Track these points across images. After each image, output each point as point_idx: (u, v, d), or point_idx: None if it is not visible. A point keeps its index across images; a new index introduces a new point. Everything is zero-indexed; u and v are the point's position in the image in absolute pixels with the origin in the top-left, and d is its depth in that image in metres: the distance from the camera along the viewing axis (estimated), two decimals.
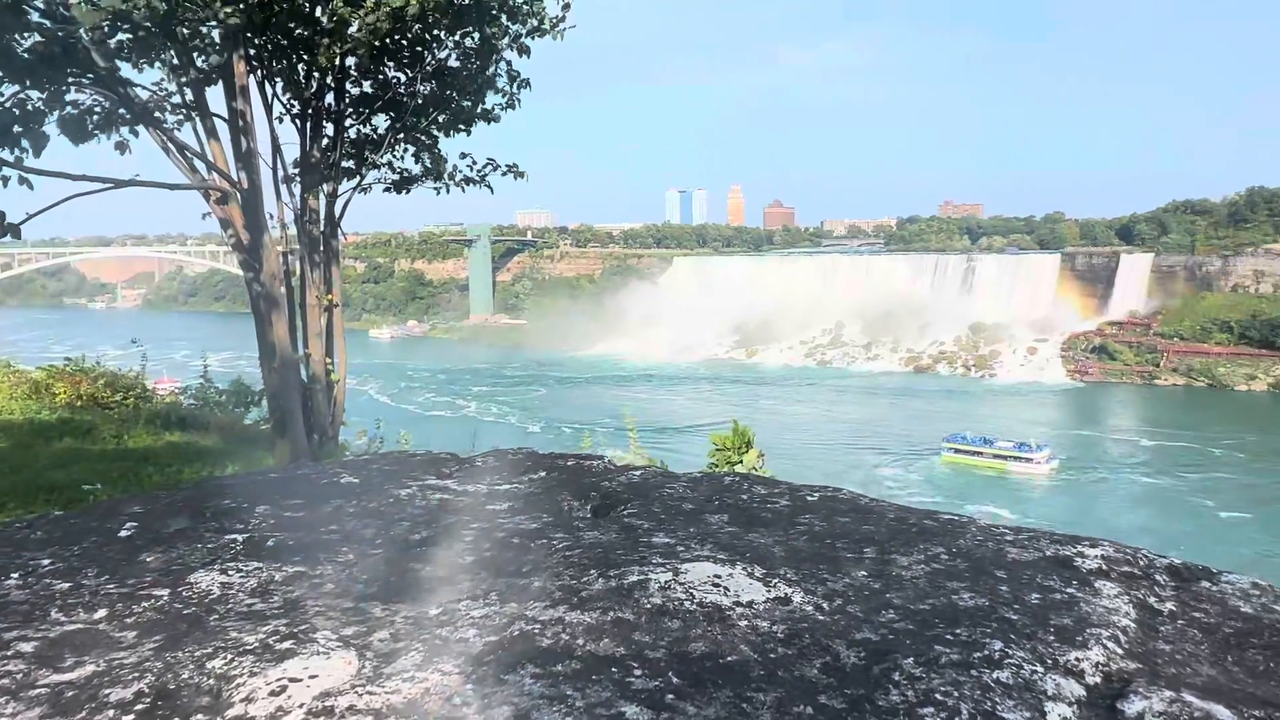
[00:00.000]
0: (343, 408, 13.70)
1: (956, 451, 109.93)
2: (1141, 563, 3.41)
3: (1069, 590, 3.03)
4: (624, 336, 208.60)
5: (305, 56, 11.59)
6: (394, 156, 13.58)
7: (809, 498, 4.30)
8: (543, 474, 5.04)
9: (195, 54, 11.02)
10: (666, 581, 2.94)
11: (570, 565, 3.23)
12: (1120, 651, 2.61)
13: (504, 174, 13.75)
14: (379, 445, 15.87)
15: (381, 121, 13.10)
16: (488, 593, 2.98)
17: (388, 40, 11.44)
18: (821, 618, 2.74)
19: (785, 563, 3.27)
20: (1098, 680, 2.43)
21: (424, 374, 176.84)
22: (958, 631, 2.63)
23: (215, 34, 10.78)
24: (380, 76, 12.78)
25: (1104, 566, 3.31)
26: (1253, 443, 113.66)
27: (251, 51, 11.38)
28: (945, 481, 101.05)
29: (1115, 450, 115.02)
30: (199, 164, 11.35)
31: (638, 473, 5.04)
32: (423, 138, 13.47)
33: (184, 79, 11.16)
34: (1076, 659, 2.50)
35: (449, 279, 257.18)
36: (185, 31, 10.28)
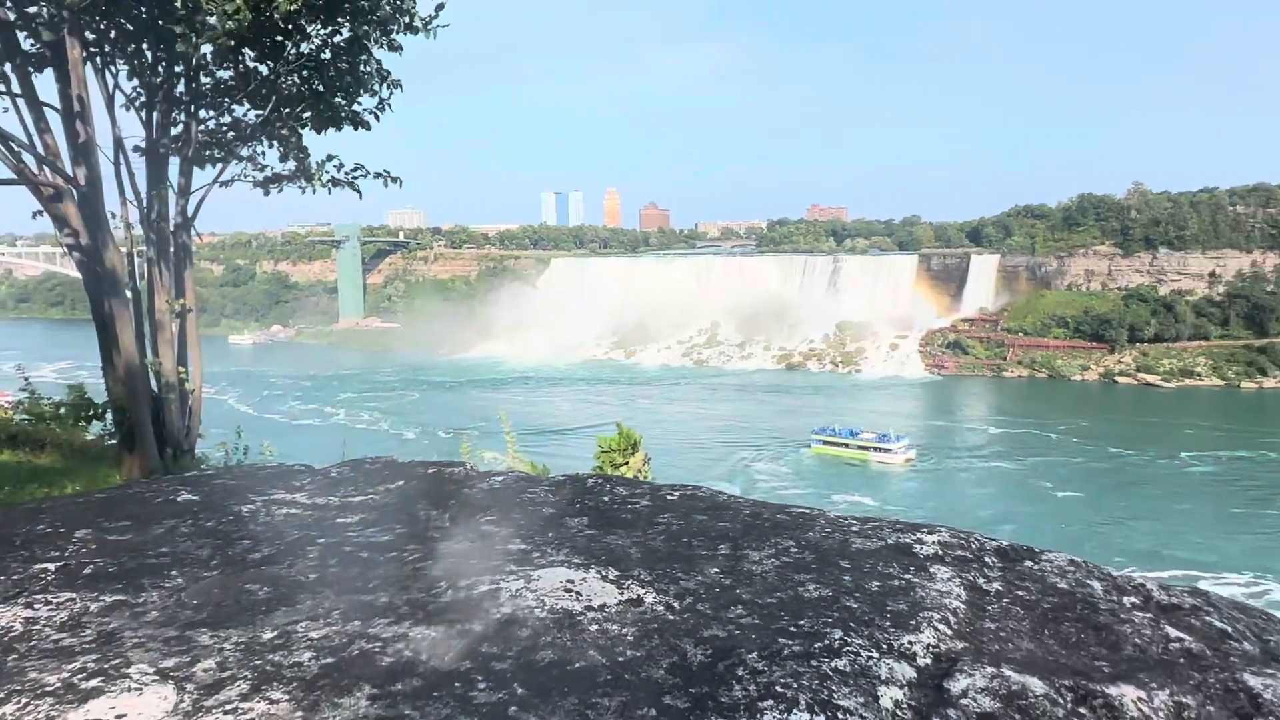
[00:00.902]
0: (199, 419, 12.84)
1: (825, 443, 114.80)
2: (974, 546, 3.62)
3: (906, 576, 3.19)
4: (501, 339, 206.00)
5: (156, 43, 10.76)
6: (256, 152, 12.84)
7: (669, 497, 4.34)
8: (401, 483, 4.88)
9: (21, 33, 10.03)
10: (518, 589, 2.88)
11: (421, 577, 3.12)
12: (950, 632, 2.76)
13: (375, 177, 13.23)
14: (241, 457, 15.00)
15: (242, 113, 12.35)
16: (329, 612, 2.84)
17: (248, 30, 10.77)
18: (672, 617, 2.76)
19: (641, 564, 3.28)
20: (928, 662, 2.55)
21: (289, 381, 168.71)
22: (801, 623, 2.71)
23: (44, 11, 9.85)
24: (240, 66, 12.02)
25: (939, 552, 3.50)
26: (1084, 427, 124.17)
27: (91, 36, 10.48)
28: (813, 472, 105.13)
29: (967, 438, 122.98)
30: (28, 157, 10.33)
31: (500, 478, 4.96)
32: (288, 134, 12.77)
33: (8, 63, 10.14)
34: (909, 642, 2.62)
35: (316, 281, 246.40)
36: (8, 6, 9.38)
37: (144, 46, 11.03)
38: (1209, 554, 73.25)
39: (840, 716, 2.18)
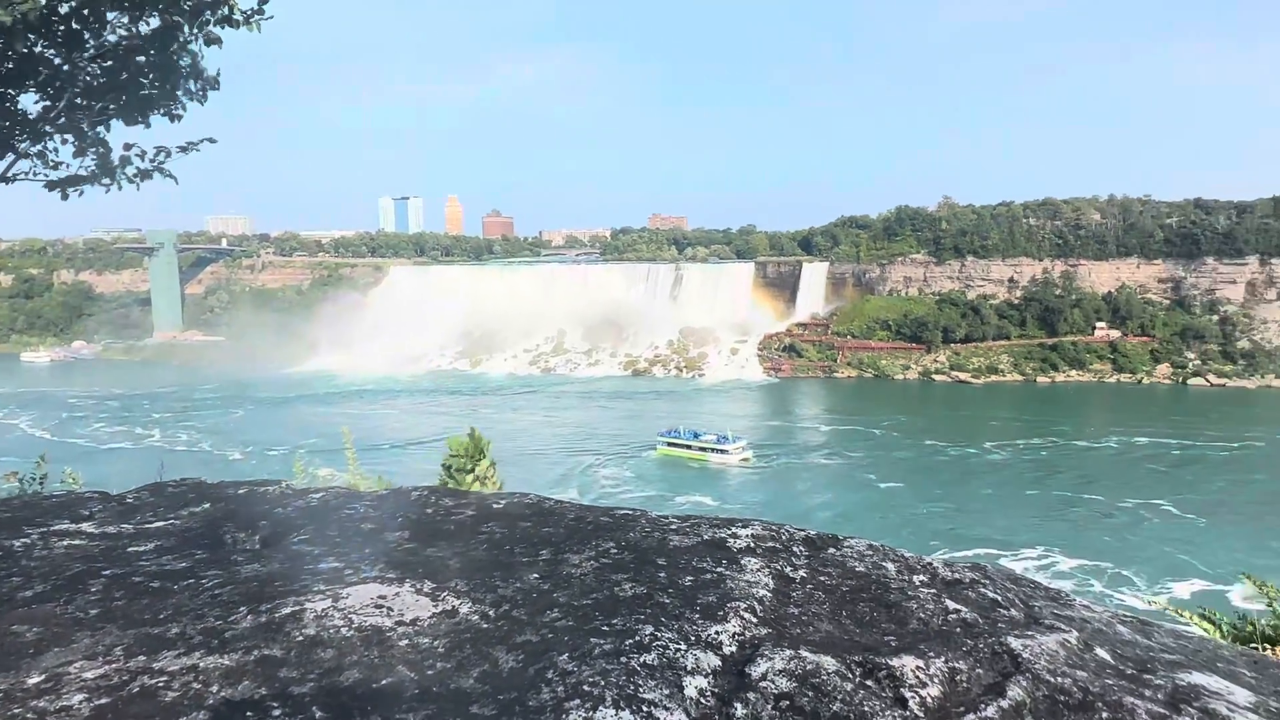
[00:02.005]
0: None
1: (670, 445, 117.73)
2: (784, 537, 3.83)
3: (719, 570, 3.33)
4: (339, 350, 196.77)
5: None
6: (47, 148, 11.54)
7: (495, 506, 4.31)
8: (207, 506, 4.57)
9: None
10: (324, 609, 2.77)
11: (218, 605, 2.94)
12: (755, 620, 2.90)
13: (183, 151, 12.22)
14: (37, 488, 13.51)
15: (29, 102, 11.08)
16: (111, 649, 2.61)
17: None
18: (486, 626, 2.75)
19: (460, 574, 3.24)
20: (733, 650, 2.67)
21: (92, 401, 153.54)
22: (615, 622, 2.77)
23: None
24: (26, 50, 10.77)
25: (752, 545, 3.67)
26: (905, 423, 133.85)
27: None
28: (657, 475, 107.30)
29: (801, 437, 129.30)
30: None
31: (318, 495, 4.74)
32: (86, 128, 11.56)
33: None
34: (716, 632, 2.74)
35: (125, 292, 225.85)
36: None
37: None
38: (1008, 533, 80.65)
39: (645, 709, 2.24)
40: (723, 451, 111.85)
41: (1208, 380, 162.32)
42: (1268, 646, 8.02)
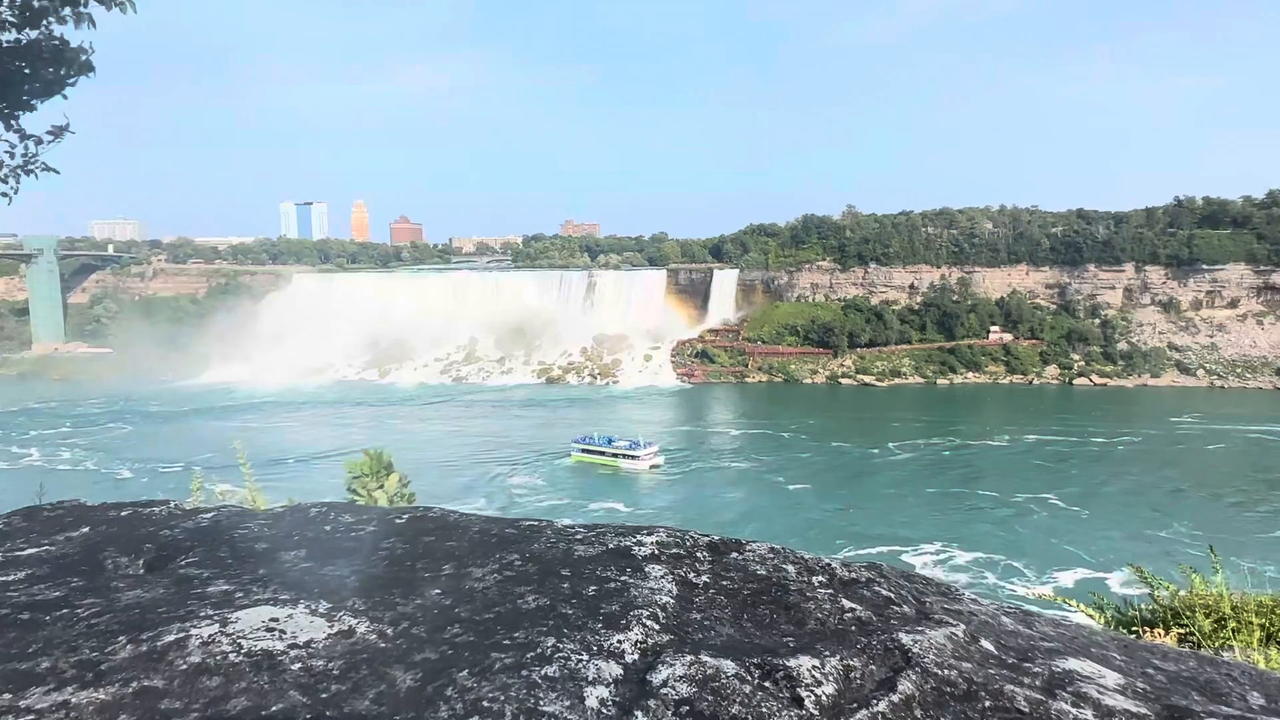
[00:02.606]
0: None
1: (584, 451, 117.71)
2: (688, 543, 3.88)
3: (623, 578, 3.34)
4: (238, 362, 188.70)
5: None
6: None
7: (398, 520, 4.22)
8: (87, 530, 4.31)
9: None
10: (211, 635, 2.66)
11: (94, 635, 2.78)
12: (658, 627, 2.93)
13: (52, 137, 11.49)
14: None
15: None
16: None
17: None
18: (384, 645, 2.69)
19: (358, 592, 3.16)
20: (636, 658, 2.69)
21: None
22: (517, 635, 2.75)
23: None
24: None
25: (656, 552, 3.71)
26: (812, 425, 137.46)
27: None
28: (570, 482, 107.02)
29: (713, 441, 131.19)
30: None
31: (209, 515, 4.54)
32: None
33: None
34: (619, 641, 2.76)
35: None
36: None
37: None
38: (909, 529, 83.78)
39: None
40: (633, 458, 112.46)
41: (1091, 380, 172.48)
42: (1147, 629, 8.58)
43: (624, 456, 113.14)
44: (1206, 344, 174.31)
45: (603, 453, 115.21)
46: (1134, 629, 8.70)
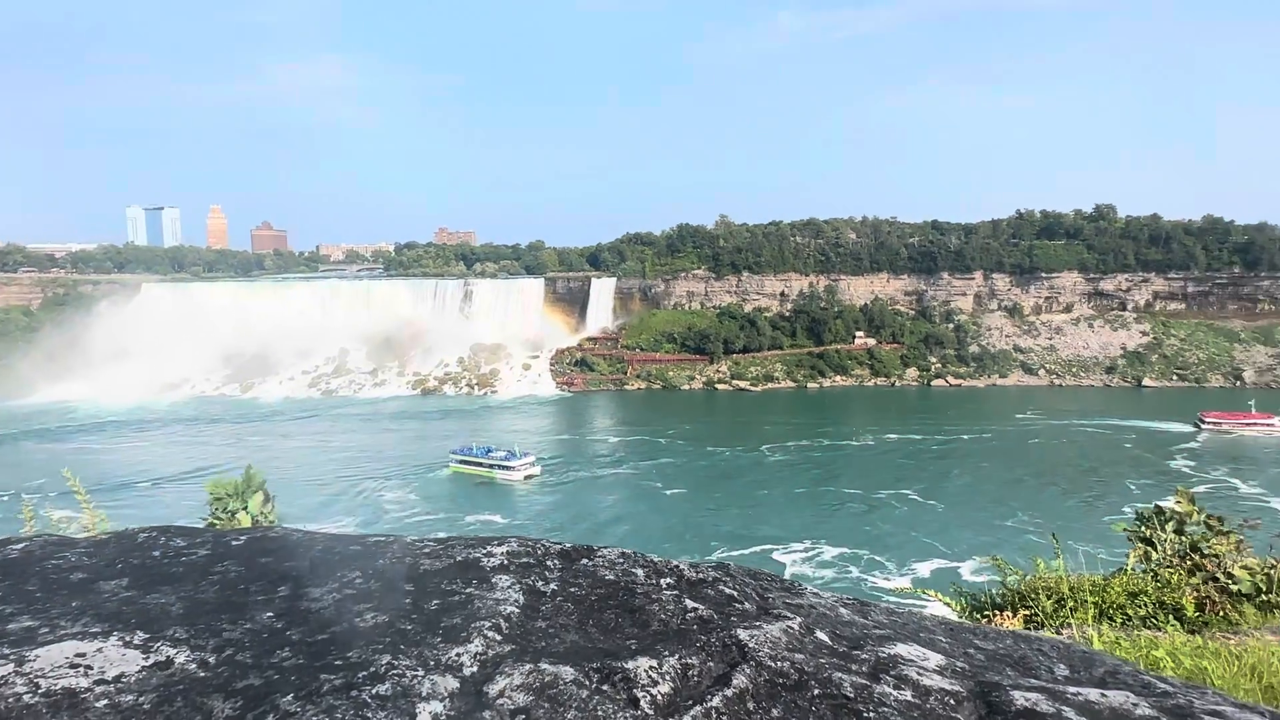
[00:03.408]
0: None
1: (462, 463, 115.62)
2: (539, 552, 3.88)
3: (468, 590, 3.31)
4: (79, 379, 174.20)
5: None
6: None
7: (234, 543, 4.02)
8: None
9: None
10: (4, 676, 2.45)
11: None
12: (500, 638, 2.91)
13: None
14: None
15: None
16: None
17: None
18: (204, 674, 2.55)
19: (181, 620, 2.98)
20: (474, 670, 2.67)
21: None
22: (350, 655, 2.67)
23: None
24: None
25: (505, 562, 3.68)
26: (689, 431, 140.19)
27: None
28: (445, 495, 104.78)
29: (592, 449, 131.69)
30: None
31: (20, 545, 4.18)
32: None
33: None
34: (458, 654, 2.72)
35: None
36: None
37: None
38: (781, 529, 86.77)
39: None
40: (508, 468, 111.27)
41: (947, 381, 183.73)
42: (997, 613, 9.23)
43: (499, 467, 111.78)
44: (1046, 346, 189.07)
45: (480, 464, 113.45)
46: (986, 613, 9.34)
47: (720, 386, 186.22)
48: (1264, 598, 8.77)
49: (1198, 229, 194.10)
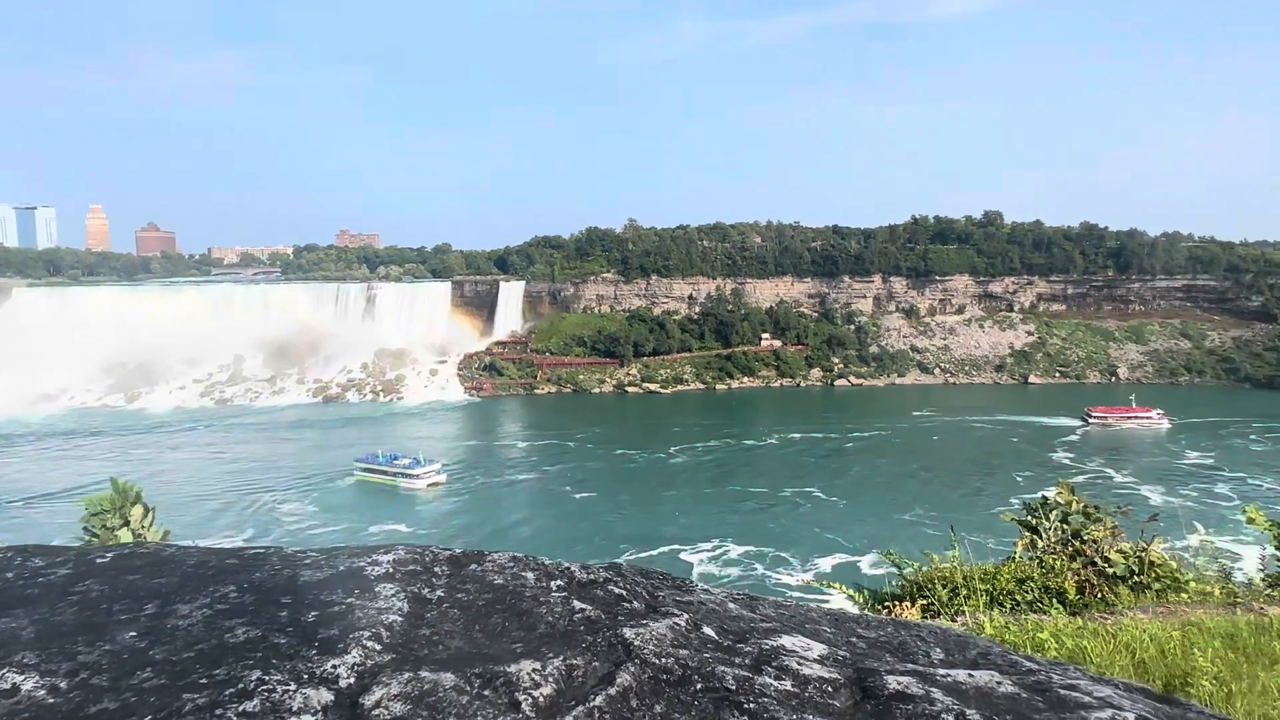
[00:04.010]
0: None
1: (367, 471, 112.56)
2: (427, 559, 3.81)
3: (349, 600, 3.22)
4: None
5: None
6: None
7: (99, 560, 3.79)
8: None
9: None
10: None
11: None
12: (380, 647, 2.85)
13: None
14: None
15: None
16: None
17: None
18: (54, 701, 2.41)
19: (31, 645, 2.80)
20: (351, 681, 2.60)
21: None
22: (217, 672, 2.57)
23: None
24: None
25: (391, 570, 3.61)
26: (598, 434, 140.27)
27: None
28: (348, 505, 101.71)
29: (501, 455, 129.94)
30: None
31: None
32: None
33: None
34: (334, 666, 2.65)
35: None
36: None
37: None
38: (689, 529, 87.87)
39: None
40: (412, 476, 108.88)
41: (849, 381, 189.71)
42: (896, 603, 9.57)
43: (402, 476, 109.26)
44: (941, 346, 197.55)
45: (384, 472, 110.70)
46: (886, 604, 9.68)
47: (631, 389, 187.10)
48: (1136, 579, 9.37)
49: (1076, 235, 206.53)
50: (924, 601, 9.45)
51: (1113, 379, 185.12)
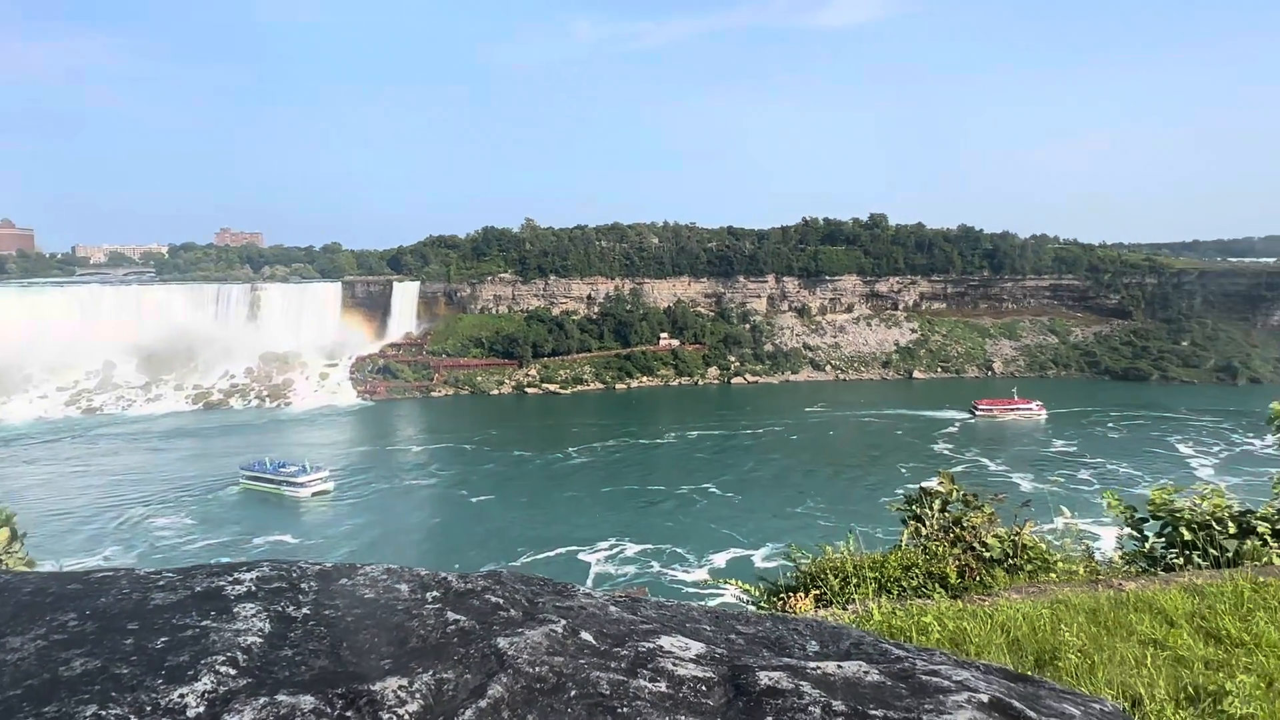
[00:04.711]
0: None
1: (254, 480, 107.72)
2: (294, 574, 3.64)
3: (204, 623, 3.05)
4: None
5: None
6: None
7: None
8: None
9: None
10: None
11: None
12: (235, 672, 2.70)
13: None
14: None
15: None
16: None
17: None
18: None
19: None
20: (201, 710, 2.46)
21: None
22: (47, 710, 2.38)
23: None
24: None
25: (253, 589, 3.43)
26: (496, 437, 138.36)
27: None
28: (230, 517, 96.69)
29: (395, 460, 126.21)
30: None
31: None
32: None
33: None
34: (181, 695, 2.50)
35: None
36: None
37: None
38: (586, 530, 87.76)
39: None
40: (296, 485, 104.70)
41: (745, 379, 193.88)
42: (792, 594, 9.78)
43: (286, 484, 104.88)
44: (832, 343, 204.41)
45: (270, 481, 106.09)
46: (781, 596, 9.88)
47: (530, 390, 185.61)
48: (1010, 562, 9.89)
49: (955, 236, 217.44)
50: (817, 592, 9.68)
51: (989, 373, 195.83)
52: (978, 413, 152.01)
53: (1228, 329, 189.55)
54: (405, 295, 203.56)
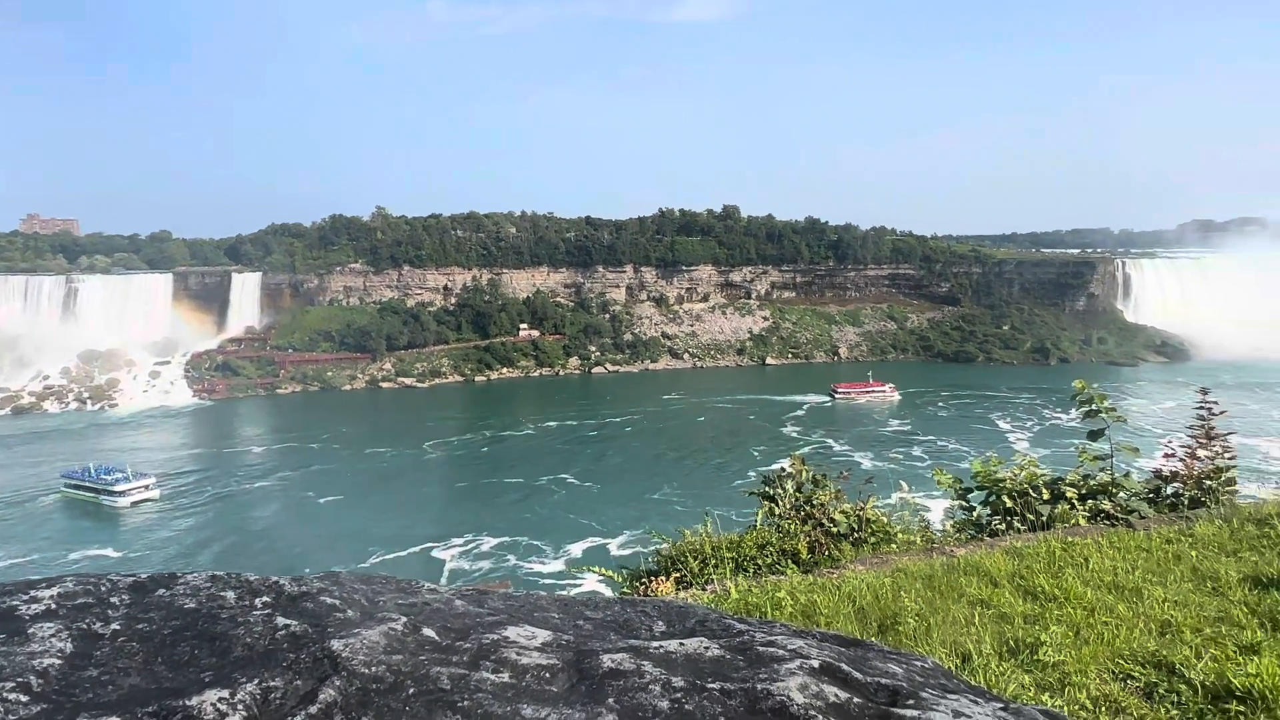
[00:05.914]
0: None
1: (75, 488, 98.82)
2: (103, 589, 3.36)
3: None
4: None
5: None
6: None
7: None
8: None
9: None
10: None
11: None
12: (28, 699, 2.47)
13: None
14: None
15: None
16: None
17: None
18: None
19: None
20: None
21: None
22: None
23: None
24: None
25: (53, 607, 3.14)
26: (347, 434, 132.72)
27: None
28: (41, 532, 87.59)
29: (234, 462, 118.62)
30: None
31: None
32: None
33: None
34: None
35: None
36: None
37: None
38: (442, 525, 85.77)
39: None
40: (114, 493, 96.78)
41: (606, 368, 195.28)
42: (653, 578, 9.93)
43: (105, 493, 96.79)
44: (689, 332, 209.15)
45: (92, 489, 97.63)
46: (643, 580, 10.01)
47: (385, 384, 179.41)
48: (856, 535, 10.46)
49: (803, 228, 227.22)
50: (678, 574, 9.88)
51: (835, 358, 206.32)
52: (837, 396, 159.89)
53: (1041, 314, 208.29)
54: (246, 287, 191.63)
